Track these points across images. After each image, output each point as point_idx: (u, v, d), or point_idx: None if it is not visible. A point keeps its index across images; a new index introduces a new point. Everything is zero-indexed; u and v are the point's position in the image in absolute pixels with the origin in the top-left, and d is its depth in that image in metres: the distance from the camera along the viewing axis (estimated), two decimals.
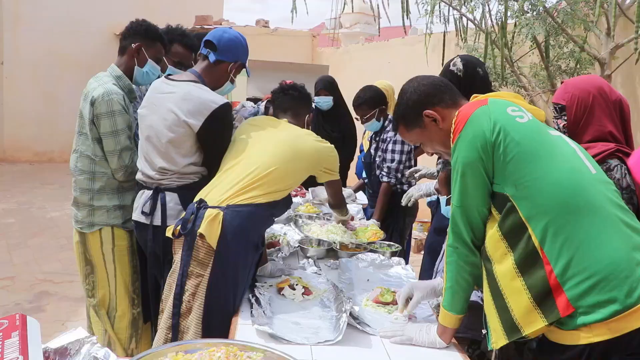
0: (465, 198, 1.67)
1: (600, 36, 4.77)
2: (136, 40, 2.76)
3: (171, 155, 2.46)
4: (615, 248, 1.48)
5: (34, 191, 8.79)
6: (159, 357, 1.51)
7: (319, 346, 1.84)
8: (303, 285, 2.29)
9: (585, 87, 2.21)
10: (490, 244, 1.67)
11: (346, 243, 2.95)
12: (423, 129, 1.86)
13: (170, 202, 2.49)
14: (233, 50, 2.54)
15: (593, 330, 1.44)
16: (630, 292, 1.42)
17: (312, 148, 2.49)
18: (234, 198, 2.21)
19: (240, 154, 2.39)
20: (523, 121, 1.62)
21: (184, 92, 2.42)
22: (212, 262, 2.13)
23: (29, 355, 1.32)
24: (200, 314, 2.14)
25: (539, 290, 1.52)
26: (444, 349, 1.85)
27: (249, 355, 1.54)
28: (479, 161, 1.61)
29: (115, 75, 2.77)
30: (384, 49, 9.35)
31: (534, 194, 1.54)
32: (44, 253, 5.72)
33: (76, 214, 2.82)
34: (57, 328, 3.85)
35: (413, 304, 2.01)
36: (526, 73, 5.61)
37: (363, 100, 3.67)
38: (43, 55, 11.46)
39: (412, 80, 1.92)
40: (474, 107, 1.66)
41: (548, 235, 1.51)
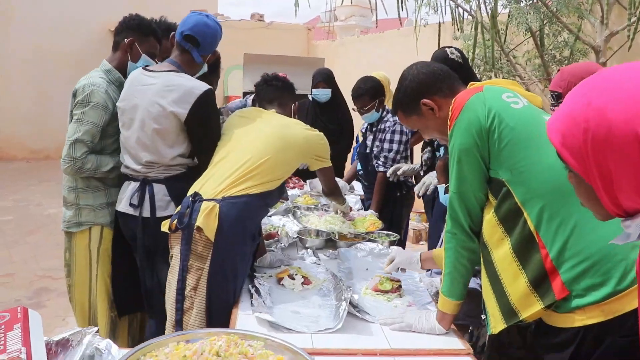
0: (462, 184, 1.69)
1: (595, 24, 4.77)
2: (129, 35, 2.72)
3: (157, 147, 2.44)
4: (609, 231, 1.49)
5: (30, 189, 8.78)
6: (161, 347, 1.52)
7: (319, 334, 1.85)
8: (302, 275, 2.31)
9: (580, 74, 2.23)
10: (487, 229, 1.68)
11: (345, 233, 2.97)
12: (420, 116, 1.88)
13: (159, 193, 2.48)
14: (213, 44, 2.58)
15: (587, 313, 1.45)
16: (623, 275, 1.43)
17: (301, 137, 2.50)
18: (229, 190, 2.22)
19: (231, 146, 2.41)
20: (518, 107, 1.64)
21: (166, 81, 2.42)
22: (210, 254, 2.14)
23: (31, 347, 1.33)
24: (203, 307, 2.14)
25: (536, 274, 1.53)
26: (444, 335, 1.87)
27: (249, 344, 1.55)
28: (475, 147, 1.62)
29: (104, 70, 2.73)
30: (380, 41, 9.34)
31: (529, 179, 1.56)
32: (42, 250, 5.72)
33: (65, 214, 2.77)
34: (57, 323, 3.86)
35: (392, 265, 2.24)
36: (521, 62, 5.61)
37: (364, 91, 3.67)
38: (36, 53, 11.40)
39: (411, 67, 1.93)
40: (470, 94, 1.67)
41: (543, 220, 1.53)
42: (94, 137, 2.60)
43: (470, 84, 1.80)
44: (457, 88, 1.85)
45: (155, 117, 2.41)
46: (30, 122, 11.27)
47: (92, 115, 2.58)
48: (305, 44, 11.77)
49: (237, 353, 1.47)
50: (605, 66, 4.76)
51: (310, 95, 4.72)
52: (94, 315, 2.78)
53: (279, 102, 2.69)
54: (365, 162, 3.88)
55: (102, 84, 2.63)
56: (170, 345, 1.53)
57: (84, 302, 2.79)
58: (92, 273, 2.76)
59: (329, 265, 2.54)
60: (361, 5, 15.43)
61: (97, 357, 1.50)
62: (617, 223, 1.49)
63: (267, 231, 2.97)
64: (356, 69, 7.35)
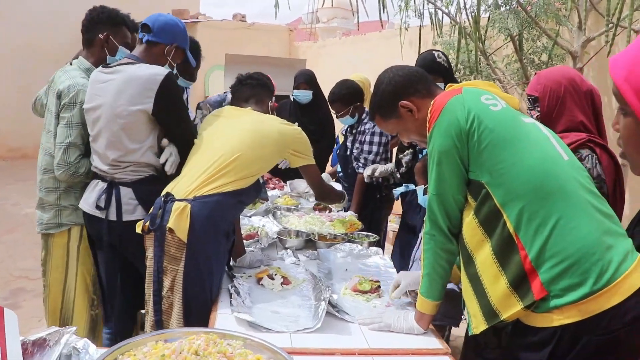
0: (441, 186, 1.70)
1: (572, 30, 4.85)
2: (102, 30, 2.69)
3: (124, 144, 2.40)
4: (586, 232, 1.52)
5: (7, 187, 8.64)
6: (140, 346, 1.52)
7: (299, 334, 1.86)
8: (282, 275, 2.31)
9: (556, 78, 2.26)
10: (467, 231, 1.70)
11: (324, 234, 2.97)
12: (399, 119, 1.89)
13: (125, 196, 2.44)
14: (168, 32, 2.52)
15: (564, 313, 1.47)
16: (600, 275, 1.46)
17: (276, 131, 2.45)
18: (201, 189, 2.20)
19: (204, 146, 2.39)
20: (497, 109, 1.65)
21: (125, 74, 2.38)
22: (184, 255, 2.12)
23: (6, 347, 1.32)
24: (181, 307, 2.13)
25: (515, 275, 1.55)
26: (422, 335, 1.89)
27: (228, 343, 1.55)
28: (454, 149, 1.63)
29: (84, 68, 2.70)
30: (361, 43, 9.37)
31: (508, 181, 1.57)
32: (19, 249, 5.64)
33: (41, 217, 2.72)
34: (33, 324, 3.81)
35: (399, 290, 2.10)
36: (501, 66, 5.67)
37: (338, 97, 3.69)
38: (18, 49, 11.22)
39: (387, 71, 1.94)
40: (449, 96, 1.68)
41: (522, 221, 1.54)
42: (84, 139, 2.59)
43: (448, 86, 1.82)
44: (434, 90, 1.87)
45: (120, 113, 2.37)
46: (8, 120, 11.09)
47: (80, 117, 2.57)
48: (287, 45, 11.76)
49: (216, 352, 1.47)
50: (582, 72, 4.84)
51: (291, 96, 4.73)
52: (68, 315, 2.75)
53: (255, 99, 2.68)
54: (345, 163, 3.90)
55: (85, 84, 2.60)
56: (148, 344, 1.52)
57: (57, 303, 2.76)
58: (70, 272, 2.74)
59: (309, 265, 2.55)
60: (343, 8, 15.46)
61: (74, 357, 1.49)
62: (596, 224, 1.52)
63: (247, 231, 2.97)
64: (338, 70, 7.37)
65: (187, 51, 2.64)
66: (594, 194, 1.62)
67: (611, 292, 1.45)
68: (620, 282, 1.46)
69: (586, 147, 2.15)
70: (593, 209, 1.56)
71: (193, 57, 3.56)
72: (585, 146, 2.15)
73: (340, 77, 3.91)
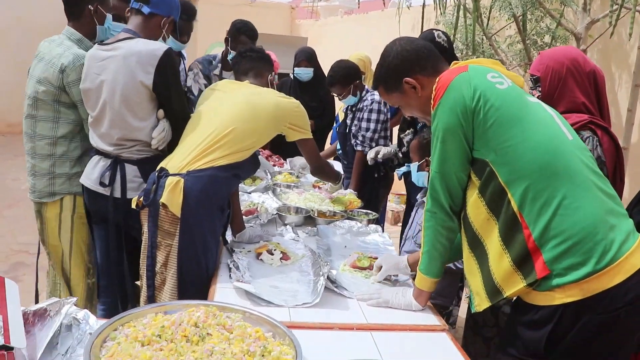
0: (444, 164, 1.69)
1: (577, 11, 4.81)
2: (91, 2, 2.65)
3: (128, 121, 2.38)
4: (590, 212, 1.52)
5: (7, 162, 8.64)
6: (139, 318, 1.53)
7: (297, 308, 1.87)
8: (281, 251, 2.32)
9: (559, 58, 2.23)
10: (472, 210, 1.69)
11: (324, 211, 2.98)
12: (402, 94, 1.87)
13: (130, 174, 2.43)
14: (166, 4, 2.49)
15: (566, 291, 1.49)
16: (602, 255, 1.47)
17: (271, 104, 2.41)
18: (194, 163, 2.19)
19: (199, 120, 2.37)
20: (503, 87, 1.64)
21: (124, 50, 2.35)
22: (178, 230, 2.12)
23: (7, 315, 1.33)
24: (175, 283, 2.14)
25: (519, 254, 1.56)
26: (420, 312, 1.90)
27: (228, 315, 1.56)
28: (459, 127, 1.62)
29: (75, 39, 2.67)
30: (363, 22, 9.29)
31: (514, 159, 1.57)
32: (19, 224, 5.65)
33: (34, 185, 2.71)
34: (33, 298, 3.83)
35: (380, 274, 2.15)
36: (503, 47, 5.63)
37: (336, 80, 3.67)
38: (13, 25, 11.11)
39: (394, 43, 1.90)
40: (454, 73, 1.66)
41: (527, 200, 1.55)
42: None
43: (454, 63, 1.80)
44: (441, 67, 1.83)
45: (123, 90, 2.35)
46: (7, 96, 11.02)
47: None
48: (288, 23, 11.67)
49: (216, 324, 1.49)
50: (586, 54, 4.81)
51: (292, 74, 4.71)
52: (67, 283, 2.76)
53: (254, 72, 2.64)
54: (344, 141, 3.89)
55: (84, 55, 2.57)
56: (148, 316, 1.54)
57: (58, 270, 2.78)
58: (63, 242, 2.73)
59: (308, 241, 2.56)
60: None
61: (74, 327, 1.50)
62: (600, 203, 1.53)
63: (247, 207, 2.98)
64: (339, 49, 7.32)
65: (176, 24, 2.60)
66: (597, 174, 1.62)
67: (613, 272, 1.46)
68: (622, 262, 1.47)
69: (587, 129, 2.14)
70: (597, 189, 1.57)
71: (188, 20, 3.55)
72: (586, 128, 2.14)
73: (342, 55, 3.89)
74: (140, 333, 1.41)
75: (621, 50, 5.11)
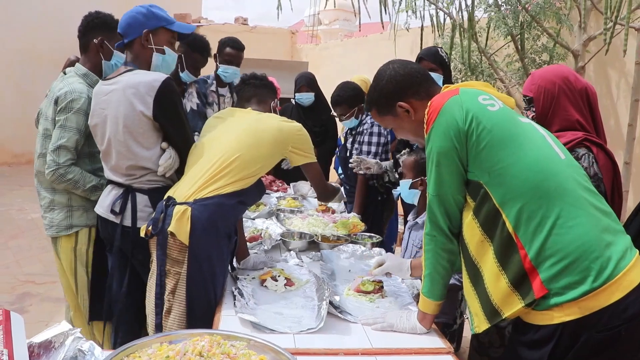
0: (441, 187, 1.70)
1: (573, 28, 4.85)
2: (96, 35, 2.71)
3: (133, 150, 2.41)
4: (585, 230, 1.52)
5: (13, 193, 8.69)
6: (144, 348, 1.53)
7: (302, 334, 1.87)
8: (285, 277, 2.32)
9: (550, 77, 2.25)
10: (467, 232, 1.70)
11: (327, 235, 2.98)
12: (395, 117, 1.90)
13: (141, 203, 2.45)
14: (133, 25, 2.48)
15: (564, 310, 1.49)
16: (599, 273, 1.47)
17: (274, 128, 2.43)
18: (201, 191, 2.21)
19: (204, 149, 2.39)
20: (494, 109, 1.66)
21: (124, 83, 2.39)
22: (186, 258, 2.14)
23: (13, 349, 1.34)
24: (183, 310, 2.15)
25: (516, 275, 1.56)
26: (425, 335, 1.90)
27: (232, 344, 1.56)
28: (453, 150, 1.64)
29: (80, 74, 2.73)
30: (363, 45, 9.38)
31: (507, 181, 1.58)
32: (25, 254, 5.67)
33: (51, 219, 2.74)
34: (40, 329, 3.77)
35: (381, 269, 2.23)
36: (502, 66, 5.68)
37: (343, 100, 3.71)
38: (18, 54, 11.27)
39: (388, 66, 1.92)
40: (446, 97, 1.68)
41: (521, 220, 1.55)
42: (77, 144, 2.62)
43: (445, 87, 1.82)
44: (434, 91, 1.85)
45: (125, 121, 2.38)
46: (12, 126, 11.13)
47: (74, 121, 2.60)
48: (289, 48, 11.79)
49: (220, 353, 1.48)
50: (584, 70, 4.85)
51: (293, 100, 4.76)
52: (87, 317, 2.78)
53: (257, 99, 2.67)
54: (346, 165, 3.91)
55: (83, 90, 2.63)
56: (153, 346, 1.54)
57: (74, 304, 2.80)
58: (79, 276, 2.76)
59: (312, 267, 2.56)
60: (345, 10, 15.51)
61: (80, 358, 1.50)
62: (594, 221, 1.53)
63: (251, 234, 2.99)
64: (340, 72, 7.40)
65: (167, 26, 2.52)
66: (591, 191, 1.63)
67: (611, 289, 1.47)
68: (620, 279, 1.47)
69: (583, 146, 2.15)
70: (591, 206, 1.57)
71: (201, 55, 3.71)
72: (581, 145, 2.15)
73: (343, 78, 3.93)
74: None
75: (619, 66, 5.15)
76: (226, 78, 4.14)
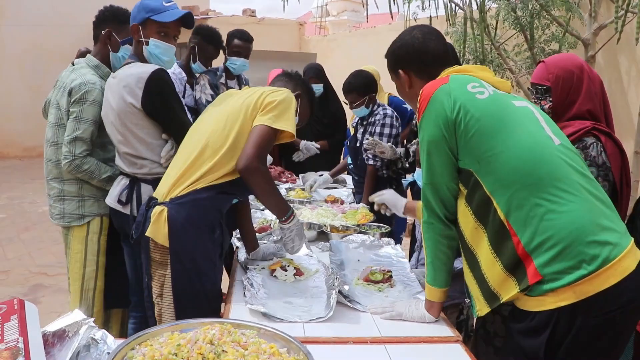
0: (433, 175, 1.72)
1: (584, 17, 4.82)
2: (106, 26, 2.75)
3: (130, 142, 2.47)
4: (578, 216, 1.52)
5: (24, 186, 8.78)
6: (156, 337, 1.55)
7: (312, 323, 1.89)
8: (294, 267, 2.34)
9: (568, 67, 2.23)
10: (461, 219, 1.73)
11: (336, 226, 2.99)
12: (397, 78, 1.95)
13: (145, 193, 2.48)
14: (130, 19, 2.56)
15: (559, 295, 1.49)
16: (593, 258, 1.48)
17: (244, 97, 2.19)
18: (175, 190, 2.10)
19: (185, 142, 2.29)
20: (483, 97, 1.66)
21: (122, 76, 2.46)
22: (169, 260, 2.07)
23: (28, 337, 1.36)
24: (172, 312, 2.09)
25: (510, 261, 1.57)
26: (433, 323, 1.91)
27: (243, 332, 1.58)
28: (443, 139, 1.66)
29: (92, 65, 2.76)
30: (371, 36, 9.36)
31: (496, 169, 1.59)
32: (37, 247, 5.74)
33: (62, 209, 2.76)
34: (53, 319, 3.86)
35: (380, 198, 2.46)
36: (511, 55, 5.65)
37: (354, 87, 3.69)
38: (28, 50, 11.37)
39: (412, 32, 1.92)
40: (435, 86, 1.70)
41: (512, 208, 1.56)
42: (92, 135, 2.67)
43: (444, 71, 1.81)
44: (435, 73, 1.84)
45: (119, 113, 2.45)
46: (23, 120, 11.23)
47: (89, 112, 2.64)
48: (297, 39, 11.77)
49: (231, 341, 1.50)
50: (594, 59, 4.82)
51: None
52: (88, 307, 2.80)
53: (280, 84, 2.41)
54: (356, 155, 3.91)
55: (96, 81, 2.67)
56: (164, 334, 1.56)
57: (77, 295, 2.82)
58: (88, 266, 2.79)
59: (321, 257, 2.57)
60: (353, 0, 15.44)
61: (93, 347, 1.53)
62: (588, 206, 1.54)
63: (260, 224, 3.00)
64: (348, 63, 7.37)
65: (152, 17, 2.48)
66: (586, 177, 1.62)
67: (606, 274, 1.47)
68: (615, 264, 1.48)
69: (591, 135, 2.14)
70: (586, 192, 1.57)
71: (215, 47, 3.83)
72: (589, 134, 2.14)
73: (351, 70, 3.92)
74: (157, 352, 1.43)
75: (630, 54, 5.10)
76: (235, 70, 4.16)
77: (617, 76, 5.32)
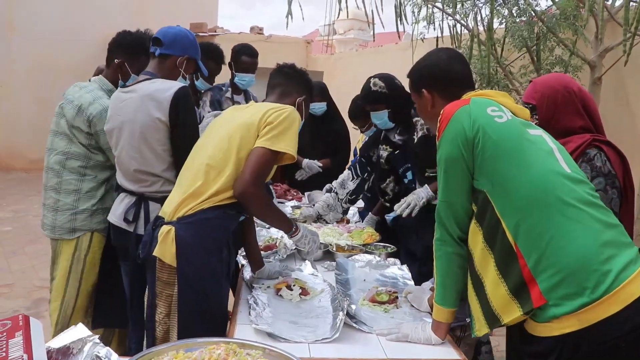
0: (449, 193, 1.74)
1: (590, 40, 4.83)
2: (119, 56, 2.76)
3: (145, 156, 2.44)
4: (584, 244, 1.55)
5: (29, 199, 8.78)
6: (160, 356, 1.54)
7: (317, 344, 1.87)
8: (300, 286, 2.33)
9: (552, 84, 2.29)
10: (471, 238, 1.74)
11: (342, 245, 2.99)
12: (419, 97, 1.99)
13: (154, 211, 2.45)
14: (179, 44, 2.54)
15: (563, 322, 1.51)
16: (597, 285, 1.49)
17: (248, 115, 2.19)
18: (182, 209, 2.09)
19: (190, 159, 2.28)
20: (502, 121, 1.69)
21: (143, 91, 2.43)
22: (176, 280, 2.05)
23: (32, 354, 1.35)
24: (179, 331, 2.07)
25: (515, 283, 1.59)
26: (440, 345, 1.89)
27: (248, 352, 1.57)
28: (461, 157, 1.68)
29: (106, 89, 2.78)
30: (378, 55, 9.41)
31: (508, 192, 1.62)
32: (40, 260, 5.72)
33: (54, 220, 2.74)
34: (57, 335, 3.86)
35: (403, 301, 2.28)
36: (517, 77, 5.67)
37: (361, 113, 3.69)
38: (37, 63, 11.45)
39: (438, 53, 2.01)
40: (457, 106, 1.74)
41: (520, 231, 1.59)
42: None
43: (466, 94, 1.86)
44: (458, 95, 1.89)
45: (141, 128, 2.42)
46: (30, 133, 11.28)
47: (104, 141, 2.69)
48: (304, 57, 11.84)
49: None
50: (600, 81, 4.82)
51: None
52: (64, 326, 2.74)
53: (281, 90, 2.41)
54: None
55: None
56: (169, 353, 1.54)
57: (55, 313, 2.78)
58: (70, 286, 2.76)
59: (327, 276, 2.56)
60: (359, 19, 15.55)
61: None
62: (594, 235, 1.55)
63: (266, 243, 2.99)
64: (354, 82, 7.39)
65: (198, 61, 2.66)
66: (596, 205, 1.64)
67: (609, 301, 1.48)
68: (619, 291, 1.49)
69: (593, 147, 2.19)
70: (593, 220, 1.59)
71: (216, 63, 3.77)
72: (591, 146, 2.19)
73: (357, 88, 3.92)
74: None
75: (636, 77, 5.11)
76: (243, 86, 4.19)
77: (623, 98, 5.33)
